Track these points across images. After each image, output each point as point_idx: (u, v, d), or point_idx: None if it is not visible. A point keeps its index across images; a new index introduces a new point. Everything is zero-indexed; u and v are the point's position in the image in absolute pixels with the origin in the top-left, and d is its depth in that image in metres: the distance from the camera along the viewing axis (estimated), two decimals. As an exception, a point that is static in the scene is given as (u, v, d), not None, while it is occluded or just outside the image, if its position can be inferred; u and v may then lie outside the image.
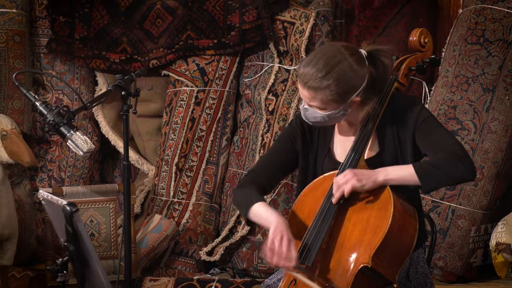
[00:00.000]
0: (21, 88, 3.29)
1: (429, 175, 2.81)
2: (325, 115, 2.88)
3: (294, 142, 3.07)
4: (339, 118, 2.93)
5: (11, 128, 4.40)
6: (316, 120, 2.92)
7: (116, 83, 3.45)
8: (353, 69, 2.84)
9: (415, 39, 3.11)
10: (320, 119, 2.90)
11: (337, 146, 3.04)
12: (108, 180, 5.76)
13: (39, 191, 2.90)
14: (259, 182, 3.03)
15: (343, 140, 3.03)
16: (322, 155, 3.04)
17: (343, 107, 2.87)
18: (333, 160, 3.00)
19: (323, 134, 3.06)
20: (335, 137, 3.05)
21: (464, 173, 2.84)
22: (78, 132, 3.19)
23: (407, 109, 2.95)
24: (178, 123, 5.37)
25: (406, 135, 2.94)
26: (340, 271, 2.75)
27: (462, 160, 2.82)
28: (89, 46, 5.47)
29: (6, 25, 5.31)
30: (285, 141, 3.10)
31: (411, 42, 3.13)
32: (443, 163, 2.82)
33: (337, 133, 3.06)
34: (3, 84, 5.28)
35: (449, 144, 2.86)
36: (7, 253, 4.53)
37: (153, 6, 5.49)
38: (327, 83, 2.82)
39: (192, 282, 4.61)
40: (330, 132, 3.06)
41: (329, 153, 3.03)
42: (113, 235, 4.74)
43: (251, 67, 5.44)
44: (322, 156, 3.04)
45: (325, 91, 2.82)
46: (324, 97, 2.83)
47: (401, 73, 3.06)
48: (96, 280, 2.69)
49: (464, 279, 4.81)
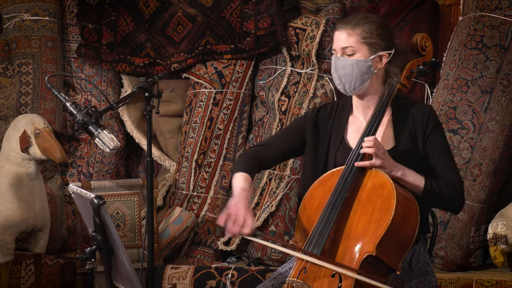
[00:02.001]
0: (53, 90, 3.30)
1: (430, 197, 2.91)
2: (354, 63, 2.91)
3: (304, 129, 3.08)
4: (364, 76, 2.95)
5: (44, 127, 4.42)
6: (344, 71, 2.94)
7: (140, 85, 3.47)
8: (384, 25, 2.98)
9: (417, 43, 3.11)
10: (349, 68, 2.93)
11: (351, 135, 3.04)
12: (132, 175, 5.78)
13: (69, 185, 2.92)
14: (260, 157, 3.06)
15: (356, 129, 3.03)
16: (335, 143, 3.04)
17: (372, 58, 2.91)
18: (347, 148, 3.01)
19: (337, 124, 3.06)
20: (349, 127, 3.06)
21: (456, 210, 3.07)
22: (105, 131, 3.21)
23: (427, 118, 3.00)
24: (198, 122, 5.38)
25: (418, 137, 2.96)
26: (346, 259, 2.75)
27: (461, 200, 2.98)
28: (115, 51, 5.49)
29: (39, 32, 5.34)
30: (296, 127, 3.12)
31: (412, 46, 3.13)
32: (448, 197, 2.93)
33: (350, 124, 3.06)
34: (37, 86, 5.31)
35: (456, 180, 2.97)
36: (40, 242, 4.55)
37: (174, 13, 5.50)
38: (368, 21, 2.93)
39: (210, 270, 4.62)
40: (344, 122, 3.06)
41: (343, 141, 3.03)
42: (137, 226, 4.76)
43: (265, 70, 5.44)
44: (336, 144, 3.03)
45: (363, 27, 2.92)
46: (361, 34, 2.92)
47: (403, 75, 3.06)
48: (122, 268, 2.71)
49: (463, 268, 4.80)
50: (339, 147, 3.03)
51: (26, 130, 4.39)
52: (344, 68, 2.93)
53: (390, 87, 3.00)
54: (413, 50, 3.11)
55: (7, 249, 4.40)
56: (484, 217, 4.80)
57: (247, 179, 2.95)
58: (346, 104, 3.11)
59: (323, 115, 3.10)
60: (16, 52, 5.36)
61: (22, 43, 5.33)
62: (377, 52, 2.94)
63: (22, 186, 4.40)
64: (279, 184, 5.14)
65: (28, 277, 4.83)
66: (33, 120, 4.43)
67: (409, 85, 3.09)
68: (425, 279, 2.95)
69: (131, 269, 2.66)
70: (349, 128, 3.06)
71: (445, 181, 2.91)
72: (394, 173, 2.85)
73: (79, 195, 2.74)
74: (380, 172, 2.84)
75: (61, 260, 4.90)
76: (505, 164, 4.86)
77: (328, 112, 3.11)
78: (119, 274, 2.76)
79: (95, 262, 2.75)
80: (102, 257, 2.73)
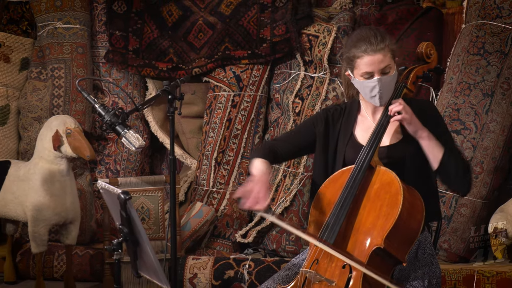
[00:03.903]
0: (83, 93, 3.30)
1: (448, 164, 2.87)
2: (392, 79, 2.91)
3: (316, 126, 3.06)
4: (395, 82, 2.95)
5: (75, 127, 4.44)
6: (387, 88, 2.92)
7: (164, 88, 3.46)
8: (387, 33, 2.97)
9: (422, 51, 3.10)
10: (390, 84, 2.92)
11: (359, 131, 3.03)
12: (156, 172, 5.79)
13: (98, 181, 2.92)
14: (274, 150, 3.04)
15: (365, 128, 3.02)
16: (344, 139, 3.02)
17: (396, 67, 2.93)
18: (356, 143, 2.99)
19: (346, 122, 3.05)
20: (357, 126, 3.05)
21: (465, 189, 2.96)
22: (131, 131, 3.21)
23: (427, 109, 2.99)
24: (217, 123, 5.38)
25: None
26: (356, 252, 2.74)
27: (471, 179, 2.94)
28: (140, 57, 5.50)
29: (71, 39, 5.36)
30: (308, 124, 3.11)
31: (418, 54, 3.11)
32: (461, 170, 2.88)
33: (359, 123, 3.05)
34: (68, 89, 5.33)
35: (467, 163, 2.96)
36: (71, 234, 4.57)
37: (196, 21, 5.50)
38: (387, 39, 2.90)
39: (228, 261, 4.62)
40: (353, 120, 3.05)
41: (351, 137, 3.02)
42: (160, 219, 4.76)
43: (280, 74, 5.43)
44: (345, 139, 3.02)
45: (388, 46, 2.89)
46: (390, 52, 2.90)
47: (410, 81, 3.04)
48: (147, 258, 2.71)
49: (465, 259, 4.78)
50: (348, 143, 3.01)
51: (58, 130, 4.40)
52: (388, 86, 2.92)
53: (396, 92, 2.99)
54: (419, 58, 3.10)
55: (41, 240, 4.42)
56: (485, 212, 4.78)
57: (266, 163, 2.92)
58: (354, 104, 3.11)
59: (334, 115, 3.09)
60: (49, 58, 5.38)
61: (55, 49, 5.36)
62: (395, 59, 2.94)
63: (54, 182, 4.42)
64: (293, 181, 5.13)
65: (60, 266, 4.85)
66: (64, 121, 4.45)
67: (415, 90, 3.08)
68: (430, 270, 2.94)
69: (155, 259, 2.66)
70: (357, 126, 3.05)
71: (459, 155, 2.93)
72: (420, 132, 2.87)
73: (107, 191, 2.75)
74: (388, 170, 2.83)
75: (91, 250, 4.91)
76: (505, 163, 4.84)
77: (338, 112, 3.10)
78: (144, 264, 2.76)
79: (122, 253, 2.75)
80: (128, 248, 2.73)
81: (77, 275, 4.78)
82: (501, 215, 4.57)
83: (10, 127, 5.45)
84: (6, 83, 5.44)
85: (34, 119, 5.36)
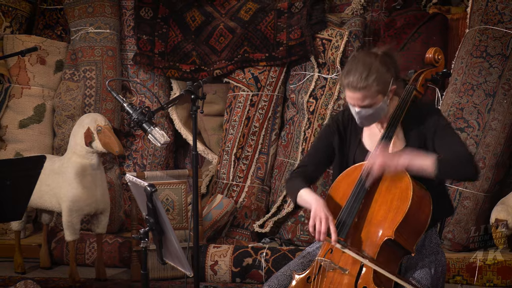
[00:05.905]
0: (112, 93, 3.30)
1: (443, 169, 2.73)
2: (375, 111, 2.80)
3: (332, 139, 3.01)
4: (383, 110, 2.83)
5: (105, 124, 4.43)
6: (368, 118, 2.82)
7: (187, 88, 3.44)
8: (384, 64, 2.79)
9: (431, 56, 3.07)
10: (372, 114, 2.81)
11: (366, 138, 2.99)
12: (180, 166, 5.78)
13: (126, 174, 2.91)
14: (305, 175, 2.99)
15: (372, 134, 2.98)
16: (354, 146, 2.99)
17: (386, 97, 2.81)
18: (363, 150, 2.95)
19: (354, 129, 3.01)
20: (364, 132, 3.01)
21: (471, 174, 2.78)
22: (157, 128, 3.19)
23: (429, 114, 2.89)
24: (237, 121, 5.36)
25: (428, 134, 2.87)
26: (368, 242, 2.73)
27: (471, 163, 2.76)
28: (166, 59, 5.49)
29: (101, 43, 5.36)
30: (324, 139, 3.05)
31: (427, 59, 3.08)
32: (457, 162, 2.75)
33: (366, 129, 3.01)
34: (99, 89, 5.33)
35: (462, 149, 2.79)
36: (102, 224, 4.56)
37: (217, 26, 5.49)
38: (372, 79, 2.74)
39: (247, 249, 4.60)
40: (360, 128, 3.01)
41: (360, 144, 2.98)
42: (184, 210, 4.75)
43: (295, 76, 5.40)
44: (354, 146, 2.98)
45: (372, 86, 2.74)
46: (373, 91, 2.75)
47: (419, 84, 3.00)
48: (171, 246, 2.70)
49: (468, 249, 4.75)
50: (356, 149, 2.98)
51: (89, 127, 4.39)
52: (369, 116, 2.83)
53: (406, 95, 2.93)
54: (428, 62, 3.06)
55: (74, 229, 4.42)
56: (487, 204, 4.77)
57: (311, 189, 2.89)
58: None
59: (343, 123, 3.03)
60: (82, 60, 5.38)
61: (87, 52, 5.36)
62: (388, 90, 2.82)
63: (86, 175, 4.41)
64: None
65: (91, 253, 4.85)
66: (95, 119, 4.44)
67: (424, 92, 3.03)
68: (436, 258, 2.91)
69: (179, 247, 2.66)
70: (364, 133, 3.00)
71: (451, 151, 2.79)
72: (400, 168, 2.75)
73: (135, 184, 2.74)
74: None
75: (119, 239, 4.91)
76: (506, 158, 4.84)
77: (346, 119, 3.04)
78: (169, 252, 2.75)
79: (148, 241, 2.74)
80: (154, 237, 2.72)
81: (107, 262, 4.77)
82: (502, 207, 4.56)
83: (45, 124, 5.46)
84: (42, 84, 5.45)
85: (68, 117, 5.37)
